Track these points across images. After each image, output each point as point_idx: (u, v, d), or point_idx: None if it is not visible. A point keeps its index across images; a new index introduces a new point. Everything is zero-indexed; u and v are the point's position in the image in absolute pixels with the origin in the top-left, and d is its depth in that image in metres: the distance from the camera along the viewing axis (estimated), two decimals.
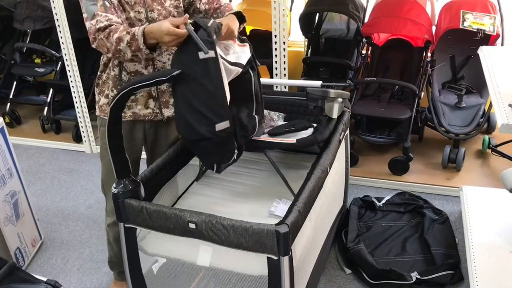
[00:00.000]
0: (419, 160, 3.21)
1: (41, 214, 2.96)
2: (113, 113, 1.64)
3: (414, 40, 3.33)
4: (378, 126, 3.22)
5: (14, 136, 3.78)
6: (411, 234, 2.56)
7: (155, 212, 1.71)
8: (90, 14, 1.78)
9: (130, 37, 1.68)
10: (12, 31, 4.19)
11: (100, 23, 1.74)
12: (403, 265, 2.35)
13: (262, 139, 2.14)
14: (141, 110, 1.99)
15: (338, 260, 2.47)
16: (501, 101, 1.83)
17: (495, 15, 3.03)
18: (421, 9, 3.13)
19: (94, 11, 1.77)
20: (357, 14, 3.28)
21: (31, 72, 4.04)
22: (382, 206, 2.79)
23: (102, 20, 1.74)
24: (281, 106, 2.48)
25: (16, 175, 2.50)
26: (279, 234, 1.55)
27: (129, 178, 1.78)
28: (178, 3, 1.97)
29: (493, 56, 2.27)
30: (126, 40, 1.69)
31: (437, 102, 3.13)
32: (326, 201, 2.12)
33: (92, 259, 2.62)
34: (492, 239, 2.25)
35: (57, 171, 3.50)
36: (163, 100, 2.01)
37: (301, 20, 3.44)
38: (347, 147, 2.52)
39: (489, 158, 3.23)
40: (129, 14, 1.86)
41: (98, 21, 1.75)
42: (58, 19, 3.28)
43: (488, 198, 2.55)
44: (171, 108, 2.02)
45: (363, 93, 3.34)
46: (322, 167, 1.96)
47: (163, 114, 2.03)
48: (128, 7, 1.86)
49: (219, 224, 1.61)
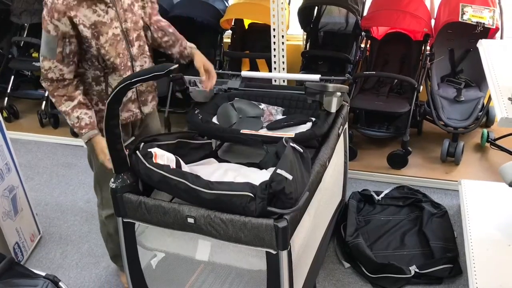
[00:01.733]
0: (418, 154, 3.21)
1: (39, 209, 2.96)
2: (110, 107, 1.63)
3: (413, 33, 3.31)
4: (377, 120, 3.22)
5: (12, 131, 3.76)
6: (409, 228, 2.57)
7: (154, 207, 1.70)
8: (44, 52, 1.85)
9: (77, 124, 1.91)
10: (9, 25, 4.16)
11: (52, 73, 1.86)
12: (401, 259, 2.35)
13: (261, 133, 2.13)
14: (122, 114, 2.03)
15: (337, 254, 2.48)
16: (500, 95, 1.83)
17: (494, 8, 3.02)
18: (420, 2, 3.12)
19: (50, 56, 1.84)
20: (356, 8, 3.27)
21: (29, 66, 4.02)
22: (381, 200, 2.79)
23: (55, 72, 1.86)
24: (279, 100, 2.47)
25: (14, 170, 2.49)
26: (277, 228, 1.55)
27: (127, 172, 1.78)
28: (142, 4, 2.03)
29: (493, 49, 2.26)
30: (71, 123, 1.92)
31: (436, 96, 3.12)
32: (325, 195, 2.12)
33: (90, 253, 2.62)
34: (491, 232, 2.25)
35: (55, 166, 3.50)
36: (142, 99, 2.09)
37: (299, 13, 3.42)
38: (345, 141, 2.52)
39: (488, 152, 3.23)
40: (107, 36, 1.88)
41: (50, 70, 1.86)
42: None
43: (487, 192, 2.55)
44: (149, 104, 2.13)
45: (362, 86, 3.33)
46: (320, 161, 1.96)
47: (142, 112, 2.11)
48: (105, 29, 1.87)
49: (217, 219, 1.61)
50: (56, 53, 1.82)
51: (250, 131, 2.13)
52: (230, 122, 2.32)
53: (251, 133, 2.11)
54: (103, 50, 1.88)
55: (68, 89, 1.90)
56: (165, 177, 1.69)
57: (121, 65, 1.95)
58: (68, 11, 1.77)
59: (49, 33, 1.79)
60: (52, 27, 1.78)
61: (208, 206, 1.64)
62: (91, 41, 1.85)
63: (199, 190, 1.63)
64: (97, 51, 1.88)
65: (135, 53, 2.00)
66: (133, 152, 1.78)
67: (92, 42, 1.86)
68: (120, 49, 1.93)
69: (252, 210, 1.58)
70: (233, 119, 2.34)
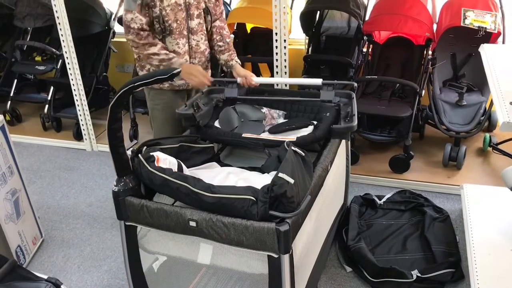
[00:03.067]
0: (420, 158, 3.21)
1: (41, 212, 2.97)
2: (113, 111, 1.64)
3: (415, 38, 3.32)
4: (379, 124, 3.22)
5: (14, 134, 3.79)
6: (411, 232, 2.56)
7: (156, 210, 1.71)
8: (127, 5, 2.20)
9: (166, 58, 2.26)
10: (12, 29, 4.19)
11: (133, 23, 2.21)
12: (403, 263, 2.35)
13: (263, 137, 2.14)
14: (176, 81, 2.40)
15: (339, 258, 2.47)
16: (502, 99, 1.83)
17: (496, 12, 3.02)
18: (422, 7, 3.13)
19: (132, 8, 2.19)
20: (358, 12, 3.28)
21: (32, 70, 4.04)
22: (383, 204, 2.79)
23: (137, 22, 2.21)
24: (281, 104, 2.48)
25: (16, 173, 2.50)
26: (279, 232, 1.55)
27: (130, 176, 1.78)
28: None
29: (495, 54, 2.26)
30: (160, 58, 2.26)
31: (438, 100, 3.12)
32: (326, 199, 2.12)
33: (92, 257, 2.62)
34: (493, 237, 2.24)
35: (57, 169, 3.50)
36: None
37: (301, 18, 3.43)
38: (347, 145, 2.52)
39: (490, 156, 3.23)
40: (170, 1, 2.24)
41: (133, 20, 2.21)
42: (59, 17, 3.28)
43: (489, 196, 2.55)
44: None
45: (364, 91, 3.34)
46: (322, 165, 1.96)
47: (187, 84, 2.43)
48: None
49: (219, 222, 1.61)
50: (136, 4, 2.18)
51: (252, 135, 2.14)
52: (232, 126, 2.33)
53: (253, 137, 2.11)
54: (164, 12, 2.24)
55: (149, 38, 2.25)
56: (167, 180, 1.70)
57: (177, 31, 2.30)
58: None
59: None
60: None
61: (210, 209, 1.64)
62: (157, 1, 2.21)
63: (201, 193, 1.63)
64: (159, 11, 2.23)
65: (193, 27, 2.35)
66: (136, 156, 1.79)
67: (157, 2, 2.22)
68: (179, 17, 2.29)
69: (254, 214, 1.58)
70: (235, 123, 2.35)
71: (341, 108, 2.34)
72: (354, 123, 2.15)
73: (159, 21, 2.27)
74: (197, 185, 1.66)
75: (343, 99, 2.40)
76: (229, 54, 2.54)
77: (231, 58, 2.55)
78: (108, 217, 2.92)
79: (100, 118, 3.88)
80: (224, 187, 1.66)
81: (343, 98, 2.40)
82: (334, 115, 2.27)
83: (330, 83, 2.39)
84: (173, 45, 2.34)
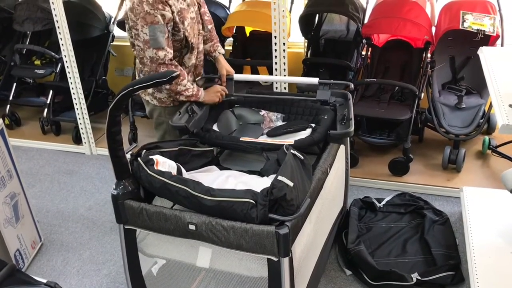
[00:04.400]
0: (419, 161, 3.21)
1: (40, 216, 2.96)
2: (112, 114, 1.64)
3: (414, 41, 3.32)
4: (378, 127, 3.22)
5: (14, 138, 3.78)
6: (411, 235, 2.56)
7: (155, 214, 1.71)
8: (157, 44, 2.09)
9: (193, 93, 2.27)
10: (12, 33, 4.19)
11: (167, 59, 2.14)
12: (403, 266, 2.35)
13: (261, 140, 2.14)
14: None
15: (339, 261, 2.47)
16: (501, 102, 1.83)
17: (494, 15, 3.03)
18: (420, 10, 3.13)
19: (163, 45, 2.11)
20: (356, 15, 3.28)
21: (31, 73, 4.04)
22: (383, 207, 2.78)
23: (168, 56, 2.14)
24: (279, 106, 2.48)
25: (15, 177, 2.50)
26: (279, 235, 1.55)
27: (129, 179, 1.78)
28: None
29: (493, 56, 2.27)
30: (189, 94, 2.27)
31: (437, 103, 3.12)
32: (326, 202, 2.12)
33: (92, 261, 2.61)
34: (493, 240, 2.24)
35: (56, 173, 3.50)
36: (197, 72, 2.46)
37: (301, 21, 3.44)
38: (347, 148, 2.52)
39: (490, 159, 3.23)
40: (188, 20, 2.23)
41: (166, 56, 2.13)
42: (58, 21, 3.28)
43: (488, 199, 2.55)
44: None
45: (363, 94, 3.34)
46: (322, 168, 1.96)
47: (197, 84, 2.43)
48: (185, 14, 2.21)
49: (219, 225, 1.60)
50: (164, 39, 2.11)
51: (250, 138, 2.14)
52: (231, 129, 2.33)
53: (251, 141, 2.11)
54: (186, 33, 2.22)
55: (178, 68, 2.22)
56: (166, 183, 1.70)
57: (196, 45, 2.32)
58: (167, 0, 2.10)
59: (158, 23, 2.06)
60: (160, 17, 2.06)
61: (209, 213, 1.64)
62: (179, 26, 2.18)
63: (200, 196, 1.63)
64: (183, 34, 2.21)
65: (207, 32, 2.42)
66: (135, 159, 1.79)
67: (180, 26, 2.18)
68: (195, 30, 2.29)
69: (253, 217, 1.58)
70: (233, 126, 2.35)
71: (337, 108, 2.33)
72: (350, 129, 2.12)
73: (182, 43, 2.26)
74: (196, 188, 1.66)
75: (339, 99, 2.40)
76: (212, 45, 2.49)
77: (214, 49, 2.50)
78: (107, 221, 2.92)
79: (99, 122, 3.88)
80: (224, 190, 1.66)
81: (339, 98, 2.40)
82: (332, 117, 2.28)
83: (326, 82, 2.39)
84: (191, 60, 2.36)
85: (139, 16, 2.06)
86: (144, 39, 2.10)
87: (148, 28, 2.06)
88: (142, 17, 2.05)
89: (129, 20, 2.15)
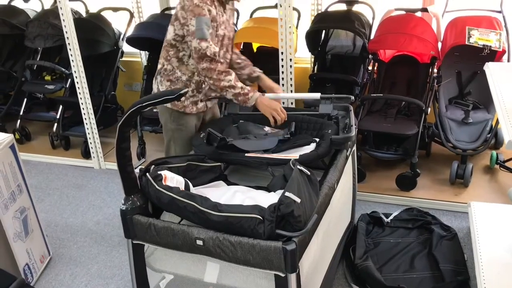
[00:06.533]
0: (426, 176, 3.20)
1: (49, 230, 2.98)
2: (121, 130, 1.67)
3: (420, 56, 3.34)
4: (385, 142, 3.22)
5: (24, 152, 3.82)
6: (419, 250, 2.55)
7: (163, 229, 1.72)
8: (202, 35, 2.14)
9: (242, 92, 2.24)
10: (23, 49, 4.26)
11: (209, 51, 2.16)
12: (411, 282, 2.33)
13: (266, 155, 2.15)
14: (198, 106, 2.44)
15: (346, 277, 2.46)
16: (507, 117, 1.83)
17: (500, 31, 3.04)
18: (426, 26, 3.15)
19: (207, 37, 2.16)
20: (362, 31, 3.31)
21: (41, 89, 4.09)
22: (390, 222, 2.78)
23: (211, 49, 2.17)
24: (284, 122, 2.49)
25: (25, 191, 2.52)
26: (286, 251, 1.55)
27: (137, 194, 1.80)
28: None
29: (499, 72, 2.27)
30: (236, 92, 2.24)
31: (444, 118, 3.12)
32: (333, 217, 2.12)
33: (100, 275, 2.62)
34: (502, 255, 2.23)
35: (65, 187, 3.53)
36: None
37: (307, 37, 3.47)
38: (354, 163, 2.52)
39: (497, 174, 3.22)
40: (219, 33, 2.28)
41: (208, 48, 2.16)
42: (69, 37, 3.34)
43: (496, 214, 2.53)
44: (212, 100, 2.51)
45: (369, 109, 3.35)
46: (329, 184, 1.97)
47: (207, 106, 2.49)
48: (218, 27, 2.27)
49: (226, 241, 1.61)
50: (209, 33, 2.15)
51: (256, 154, 2.15)
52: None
53: (256, 156, 2.12)
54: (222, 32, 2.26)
55: (223, 65, 2.25)
56: (174, 199, 1.71)
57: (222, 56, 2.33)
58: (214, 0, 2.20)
59: (205, 16, 2.13)
60: (207, 11, 2.13)
61: (217, 228, 1.65)
62: (220, 21, 2.24)
63: (208, 212, 1.64)
64: (222, 32, 2.25)
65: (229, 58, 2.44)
66: (143, 174, 1.81)
67: (219, 20, 2.23)
68: (224, 45, 2.33)
69: (261, 233, 1.58)
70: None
71: (339, 120, 2.40)
72: (352, 133, 2.20)
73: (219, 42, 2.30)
74: (204, 203, 1.67)
75: (341, 112, 2.47)
76: (250, 68, 2.56)
77: (253, 71, 2.56)
78: (116, 235, 2.93)
79: (108, 136, 3.92)
80: (231, 206, 1.67)
81: (340, 111, 2.48)
82: (335, 131, 2.29)
83: (328, 97, 2.48)
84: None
85: (188, 9, 2.14)
86: (191, 31, 2.16)
87: (196, 19, 2.12)
88: (191, 10, 2.13)
89: (180, 18, 2.20)
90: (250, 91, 2.27)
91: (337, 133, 2.29)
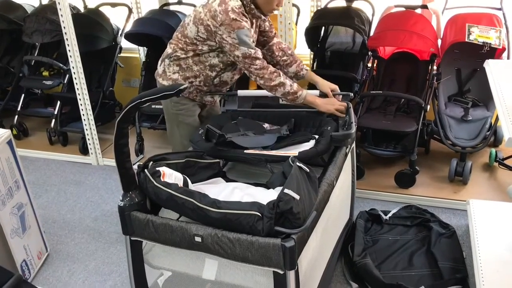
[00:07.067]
0: (425, 173, 3.20)
1: (47, 226, 2.97)
2: (120, 126, 1.65)
3: (419, 53, 3.33)
4: (384, 139, 3.22)
5: (21, 148, 3.81)
6: (418, 248, 2.54)
7: (161, 225, 1.71)
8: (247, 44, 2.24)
9: (291, 91, 2.33)
10: (21, 45, 4.24)
11: (258, 54, 2.29)
12: (410, 279, 2.33)
13: (265, 152, 2.14)
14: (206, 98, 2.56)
15: (345, 274, 2.46)
16: (507, 115, 1.83)
17: (500, 28, 3.04)
18: (426, 23, 3.14)
19: (252, 45, 2.26)
20: (362, 28, 3.30)
21: (39, 84, 4.08)
22: (389, 219, 2.77)
23: (259, 53, 2.30)
24: (283, 119, 2.49)
25: (23, 187, 2.51)
26: (285, 248, 1.55)
27: (136, 191, 1.79)
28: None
29: (499, 69, 2.27)
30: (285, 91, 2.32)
31: (443, 115, 3.12)
32: (332, 214, 2.11)
33: (97, 272, 2.61)
34: (500, 253, 2.23)
35: (63, 183, 3.52)
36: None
37: (307, 33, 3.46)
38: (353, 160, 2.52)
39: (496, 172, 3.22)
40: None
41: (256, 52, 2.28)
42: (66, 33, 3.32)
43: (495, 211, 2.53)
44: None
45: (369, 106, 3.34)
46: (328, 181, 1.96)
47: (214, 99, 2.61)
48: None
49: (225, 238, 1.61)
50: (251, 41, 2.26)
51: (254, 150, 2.14)
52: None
53: (255, 153, 2.11)
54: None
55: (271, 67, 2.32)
56: (172, 195, 1.70)
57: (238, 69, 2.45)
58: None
59: (245, 28, 2.22)
60: (245, 23, 2.23)
61: (215, 225, 1.64)
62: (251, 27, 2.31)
63: (207, 209, 1.64)
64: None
65: None
66: (142, 171, 1.80)
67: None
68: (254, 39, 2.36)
69: (259, 230, 1.58)
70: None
71: (339, 117, 2.39)
72: (352, 130, 2.19)
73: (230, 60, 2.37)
74: (202, 200, 1.66)
75: None
76: (297, 65, 2.58)
77: (300, 68, 2.59)
78: (113, 232, 2.92)
79: (106, 133, 3.91)
80: (230, 203, 1.66)
81: None
82: (335, 128, 2.29)
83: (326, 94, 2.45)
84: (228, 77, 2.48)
85: (224, 23, 2.20)
86: (233, 43, 2.24)
87: (236, 32, 2.21)
88: (228, 23, 2.20)
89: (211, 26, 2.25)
90: (299, 88, 2.35)
91: (337, 130, 2.28)
